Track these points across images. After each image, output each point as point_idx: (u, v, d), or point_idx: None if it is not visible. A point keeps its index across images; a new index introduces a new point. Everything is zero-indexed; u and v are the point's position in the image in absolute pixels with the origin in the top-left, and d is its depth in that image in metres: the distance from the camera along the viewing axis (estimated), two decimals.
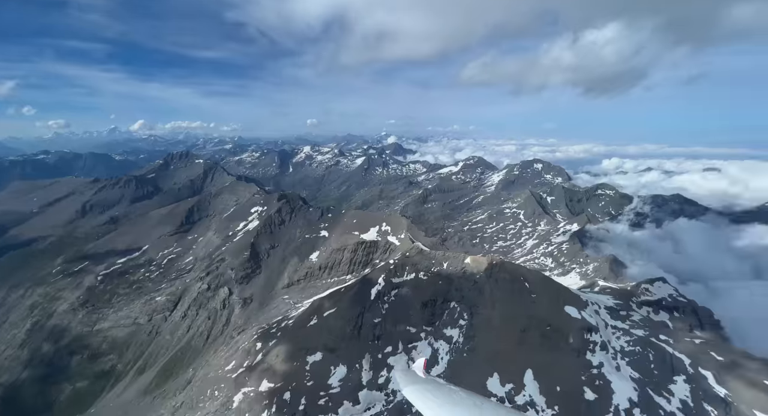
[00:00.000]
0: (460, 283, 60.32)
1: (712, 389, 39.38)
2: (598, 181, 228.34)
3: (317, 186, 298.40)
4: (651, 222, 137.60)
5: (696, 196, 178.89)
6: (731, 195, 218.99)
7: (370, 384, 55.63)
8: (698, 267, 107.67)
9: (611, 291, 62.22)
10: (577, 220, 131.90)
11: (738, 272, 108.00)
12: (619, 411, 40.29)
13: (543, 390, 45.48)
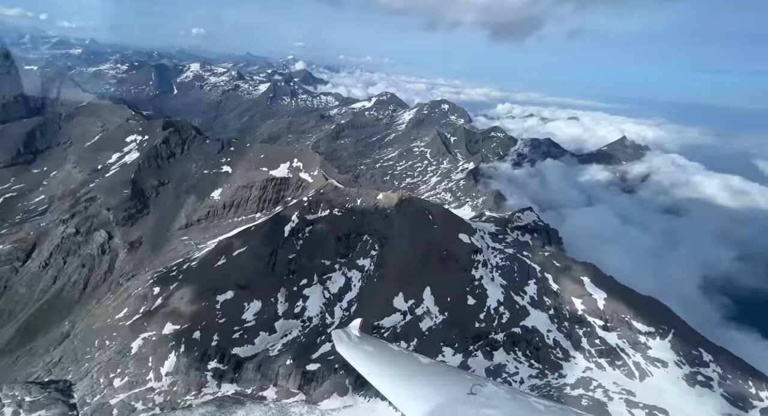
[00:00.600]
0: (373, 218, 63.88)
1: (550, 286, 53.75)
2: (493, 124, 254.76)
3: (212, 113, 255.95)
4: (528, 162, 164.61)
5: (560, 141, 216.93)
6: (583, 140, 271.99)
7: (287, 314, 58.14)
8: (554, 198, 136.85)
9: (494, 219, 74.99)
10: (473, 160, 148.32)
11: (578, 201, 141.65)
12: (490, 310, 52.13)
13: (437, 302, 55.01)
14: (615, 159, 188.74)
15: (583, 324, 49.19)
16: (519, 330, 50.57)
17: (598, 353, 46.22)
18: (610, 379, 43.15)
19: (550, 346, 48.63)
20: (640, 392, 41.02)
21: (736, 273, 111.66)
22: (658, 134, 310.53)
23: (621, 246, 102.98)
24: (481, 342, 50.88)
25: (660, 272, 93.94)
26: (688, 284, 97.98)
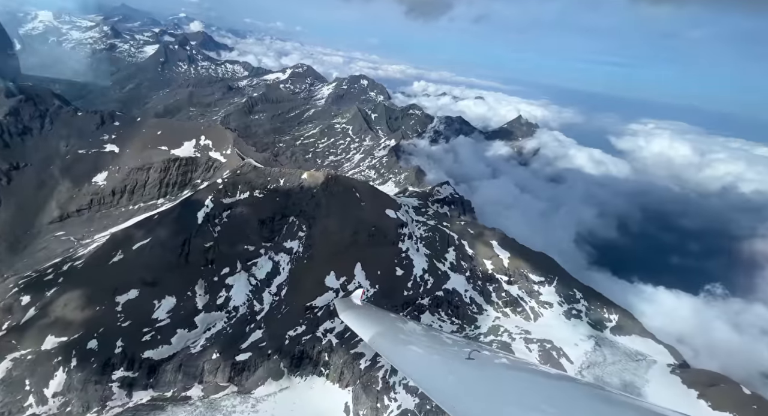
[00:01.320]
0: (298, 198, 61.58)
1: (466, 251, 60.39)
2: (410, 101, 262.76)
3: (80, 79, 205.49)
4: (443, 138, 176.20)
5: (470, 118, 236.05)
6: (488, 118, 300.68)
7: (208, 306, 53.79)
8: (466, 172, 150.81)
9: (416, 194, 79.53)
10: (395, 137, 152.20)
11: (486, 173, 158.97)
12: (416, 278, 56.39)
13: (368, 276, 57.09)
14: (513, 136, 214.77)
15: (492, 282, 57.06)
16: (441, 293, 56.15)
17: (504, 304, 54.53)
18: (513, 324, 51.64)
19: (467, 303, 55.42)
20: (534, 330, 50.23)
21: (596, 227, 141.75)
22: (544, 114, 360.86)
23: (519, 211, 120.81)
24: (409, 308, 55.13)
25: (547, 231, 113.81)
26: (566, 239, 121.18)
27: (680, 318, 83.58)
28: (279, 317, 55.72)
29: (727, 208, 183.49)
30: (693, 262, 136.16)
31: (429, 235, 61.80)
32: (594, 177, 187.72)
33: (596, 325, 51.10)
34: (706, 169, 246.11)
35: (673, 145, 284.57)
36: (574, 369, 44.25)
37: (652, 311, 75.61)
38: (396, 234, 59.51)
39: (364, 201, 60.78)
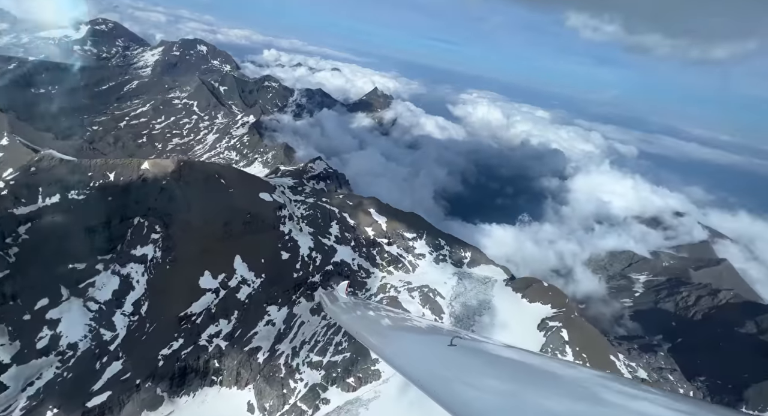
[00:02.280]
0: (142, 194, 50.11)
1: (348, 223, 63.04)
2: (263, 72, 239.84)
3: None
4: (307, 112, 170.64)
5: (329, 90, 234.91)
6: (346, 89, 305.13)
7: (21, 356, 40.41)
8: (334, 145, 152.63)
9: (290, 173, 76.21)
10: (253, 112, 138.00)
11: (353, 145, 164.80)
12: (304, 257, 55.92)
13: (251, 267, 53.15)
14: (373, 107, 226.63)
15: (375, 246, 62.05)
16: (331, 267, 57.74)
17: (387, 263, 60.58)
18: (397, 279, 58.35)
19: (356, 271, 58.97)
20: (414, 280, 58.24)
21: (447, 184, 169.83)
22: (396, 85, 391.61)
23: (387, 178, 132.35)
24: (302, 289, 54.81)
25: (412, 192, 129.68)
26: (427, 197, 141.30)
27: (506, 243, 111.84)
28: (144, 339, 46.69)
29: (525, 157, 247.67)
30: (510, 201, 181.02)
31: (310, 213, 61.23)
32: (441, 141, 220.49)
33: (457, 264, 63.13)
34: (511, 129, 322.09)
35: (489, 111, 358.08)
36: (446, 302, 54.22)
37: (490, 243, 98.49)
38: (275, 218, 56.51)
39: (231, 187, 54.43)
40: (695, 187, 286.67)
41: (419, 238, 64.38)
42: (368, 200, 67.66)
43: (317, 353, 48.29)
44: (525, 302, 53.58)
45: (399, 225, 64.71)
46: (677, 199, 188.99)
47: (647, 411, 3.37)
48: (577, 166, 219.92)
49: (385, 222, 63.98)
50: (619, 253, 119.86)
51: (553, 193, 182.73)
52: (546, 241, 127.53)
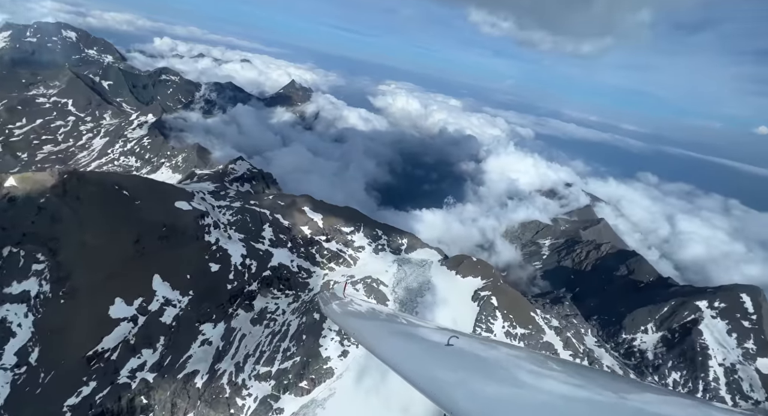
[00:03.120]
0: (11, 218, 40.46)
1: (282, 224, 60.36)
2: (157, 63, 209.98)
3: None
4: (219, 109, 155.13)
5: (241, 84, 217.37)
6: (260, 83, 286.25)
7: None
8: (255, 143, 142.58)
9: (208, 176, 69.15)
10: (151, 110, 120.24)
11: (276, 142, 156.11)
12: (237, 266, 52.09)
13: (174, 285, 47.60)
14: (292, 101, 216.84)
15: (313, 244, 60.79)
16: (269, 272, 54.96)
17: (328, 260, 60.02)
18: (339, 274, 58.35)
19: (296, 272, 57.19)
20: (356, 272, 58.96)
21: (377, 175, 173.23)
22: (313, 77, 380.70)
23: (317, 174, 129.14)
24: (238, 300, 51.21)
25: (343, 186, 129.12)
26: (359, 189, 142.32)
27: (436, 226, 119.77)
28: (40, 392, 38.94)
29: (444, 144, 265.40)
30: (435, 186, 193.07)
31: (238, 218, 56.89)
32: (366, 133, 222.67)
33: (395, 251, 65.69)
34: (429, 118, 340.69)
35: (408, 101, 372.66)
36: (390, 290, 56.31)
37: (422, 227, 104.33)
38: (197, 228, 51.16)
39: (138, 198, 47.30)
40: (577, 160, 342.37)
41: (357, 231, 65.01)
42: (301, 198, 65.56)
43: (264, 364, 46.08)
44: (459, 278, 58.60)
45: (336, 221, 64.33)
46: (566, 172, 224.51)
47: (646, 407, 3.39)
48: (488, 149, 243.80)
49: (321, 219, 62.93)
50: (528, 223, 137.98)
51: (471, 175, 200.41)
52: (469, 220, 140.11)
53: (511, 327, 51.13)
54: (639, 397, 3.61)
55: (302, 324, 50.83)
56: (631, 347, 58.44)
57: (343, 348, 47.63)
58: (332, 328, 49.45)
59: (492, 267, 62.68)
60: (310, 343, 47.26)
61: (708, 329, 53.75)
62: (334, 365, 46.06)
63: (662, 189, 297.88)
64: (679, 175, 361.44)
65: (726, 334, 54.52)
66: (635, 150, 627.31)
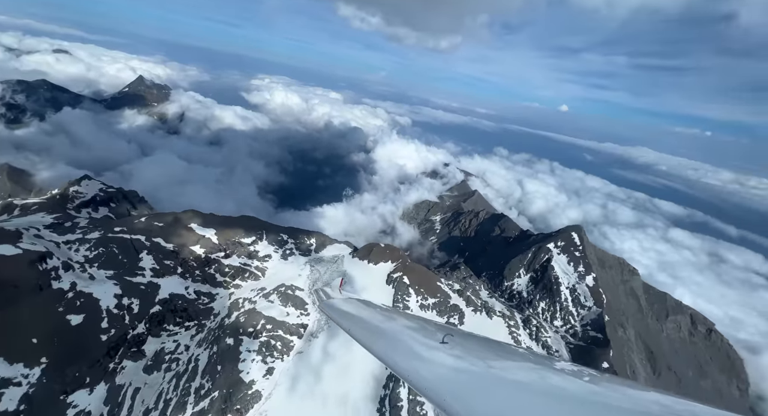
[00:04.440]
0: None
1: (165, 248, 51.32)
2: None
3: None
4: (32, 115, 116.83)
5: (61, 81, 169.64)
6: (91, 80, 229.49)
7: None
8: (102, 156, 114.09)
9: (36, 206, 52.60)
10: None
11: (133, 152, 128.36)
12: (111, 310, 42.34)
13: (13, 357, 35.82)
14: (145, 101, 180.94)
15: (210, 264, 53.91)
16: (158, 307, 46.58)
17: (232, 277, 54.34)
18: (248, 290, 53.68)
19: (194, 299, 50.00)
20: (267, 284, 55.23)
21: (268, 176, 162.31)
22: (167, 72, 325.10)
23: (198, 184, 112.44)
24: (122, 350, 42.07)
25: (232, 194, 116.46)
26: (251, 194, 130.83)
27: (340, 220, 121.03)
28: None
29: (332, 137, 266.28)
30: (330, 181, 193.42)
31: (101, 252, 45.71)
32: (247, 132, 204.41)
33: (305, 253, 63.96)
34: (312, 112, 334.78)
35: (288, 96, 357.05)
36: (306, 293, 54.90)
37: (327, 223, 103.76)
38: (37, 275, 39.12)
39: None
40: (449, 142, 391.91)
41: (259, 240, 60.49)
42: (185, 214, 56.70)
43: (174, 411, 39.69)
44: (372, 266, 61.27)
45: (233, 233, 58.28)
46: (442, 154, 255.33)
47: (635, 407, 3.40)
48: (375, 139, 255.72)
49: (214, 234, 56.01)
50: (420, 204, 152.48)
51: (363, 165, 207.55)
52: (369, 209, 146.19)
53: (424, 300, 56.73)
54: (627, 395, 3.58)
55: (214, 354, 45.38)
56: (511, 291, 72.23)
57: (267, 365, 44.82)
58: (251, 349, 45.77)
59: (399, 250, 67.51)
60: (228, 372, 42.74)
61: (557, 264, 70.86)
62: (261, 386, 43.05)
63: (511, 159, 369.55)
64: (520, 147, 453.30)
65: (567, 264, 72.82)
66: (489, 129, 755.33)
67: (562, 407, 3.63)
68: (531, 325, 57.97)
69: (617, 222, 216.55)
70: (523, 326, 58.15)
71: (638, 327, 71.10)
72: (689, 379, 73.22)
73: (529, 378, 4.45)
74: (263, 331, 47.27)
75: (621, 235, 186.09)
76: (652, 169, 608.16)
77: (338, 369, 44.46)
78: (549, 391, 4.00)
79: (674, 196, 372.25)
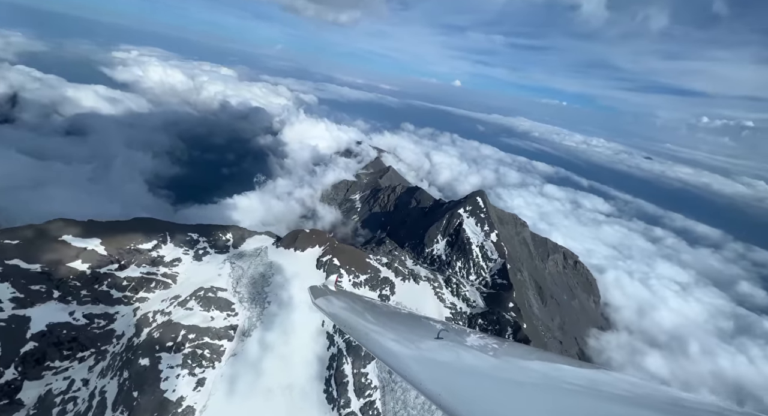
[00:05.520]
0: None
1: (29, 271, 40.80)
2: None
3: None
4: None
5: None
6: None
7: None
8: None
9: None
10: None
11: None
12: None
13: None
14: None
15: (99, 280, 45.14)
16: (32, 345, 37.68)
17: (133, 291, 46.71)
18: (158, 300, 47.05)
19: (85, 325, 41.78)
20: (181, 290, 49.17)
21: (158, 168, 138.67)
22: None
23: (61, 185, 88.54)
24: None
25: (114, 193, 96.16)
26: (140, 191, 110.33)
27: (256, 209, 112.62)
28: None
29: (231, 119, 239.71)
30: (237, 168, 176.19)
31: None
32: (119, 118, 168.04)
33: (222, 250, 58.37)
34: (202, 91, 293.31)
35: (168, 72, 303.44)
36: (231, 293, 50.88)
37: (241, 215, 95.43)
38: None
39: None
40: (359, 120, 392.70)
41: (163, 243, 52.71)
42: (53, 225, 45.28)
43: None
44: (299, 253, 59.70)
45: (125, 240, 49.32)
46: (353, 132, 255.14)
47: (633, 398, 3.38)
48: (281, 119, 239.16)
49: (100, 244, 46.50)
50: (338, 184, 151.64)
51: (272, 149, 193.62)
52: (285, 194, 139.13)
53: (356, 278, 58.34)
54: (620, 384, 3.55)
55: (126, 380, 39.47)
56: (432, 256, 79.42)
57: (197, 377, 41.15)
58: (173, 364, 41.12)
59: (324, 233, 66.97)
60: (148, 396, 37.90)
61: (467, 226, 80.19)
62: (192, 400, 39.59)
63: (418, 134, 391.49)
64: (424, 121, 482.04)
65: (475, 226, 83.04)
66: (394, 106, 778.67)
67: (558, 398, 3.69)
68: (452, 284, 65.25)
69: (507, 183, 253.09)
70: (446, 285, 65.11)
71: (530, 269, 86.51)
72: (564, 302, 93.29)
73: (524, 371, 4.51)
74: (186, 342, 42.69)
75: (511, 194, 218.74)
76: (529, 135, 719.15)
77: (279, 360, 43.44)
78: (544, 383, 4.05)
79: (545, 157, 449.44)
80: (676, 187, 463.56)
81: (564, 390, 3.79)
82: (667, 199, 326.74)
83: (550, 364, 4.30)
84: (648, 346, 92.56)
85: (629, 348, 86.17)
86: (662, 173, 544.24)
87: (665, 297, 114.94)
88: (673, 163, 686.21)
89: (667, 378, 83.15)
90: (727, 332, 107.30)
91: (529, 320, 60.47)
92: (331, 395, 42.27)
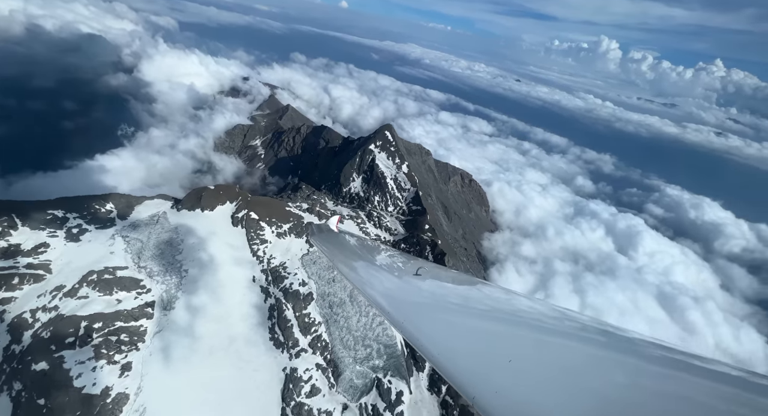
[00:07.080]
0: None
1: None
2: None
3: None
4: None
5: None
6: None
7: None
8: None
9: None
10: None
11: None
12: None
13: None
14: None
15: None
16: None
17: None
18: (33, 297, 38.32)
19: None
20: (62, 280, 40.65)
21: None
22: None
23: None
24: None
25: None
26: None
27: (134, 168, 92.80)
28: None
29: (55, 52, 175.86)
30: (85, 119, 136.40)
31: None
32: None
33: (107, 224, 48.35)
34: None
35: None
36: (134, 270, 44.27)
37: (115, 179, 77.78)
38: None
39: None
40: (239, 51, 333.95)
41: (12, 229, 40.82)
42: None
43: None
44: (208, 213, 53.87)
45: None
46: (236, 66, 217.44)
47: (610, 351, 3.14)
48: (133, 51, 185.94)
49: None
50: (232, 129, 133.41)
51: (131, 92, 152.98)
52: (167, 147, 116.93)
53: (279, 228, 56.53)
54: (618, 344, 3.31)
55: (20, 391, 33.64)
56: (351, 195, 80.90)
57: (119, 363, 37.40)
58: (82, 360, 36.10)
59: (233, 187, 60.85)
60: (61, 399, 33.51)
61: (380, 161, 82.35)
62: (122, 387, 36.69)
63: (311, 65, 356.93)
64: (315, 51, 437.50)
65: (387, 159, 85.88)
66: (278, 32, 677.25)
67: (516, 331, 3.84)
68: (373, 217, 69.06)
69: (407, 114, 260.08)
70: (368, 220, 68.64)
71: (436, 193, 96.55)
72: (464, 216, 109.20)
73: (491, 305, 4.74)
74: (92, 333, 37.28)
75: (411, 124, 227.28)
76: (421, 63, 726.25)
77: (214, 319, 42.01)
78: (507, 319, 4.27)
79: (437, 84, 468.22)
80: (538, 105, 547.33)
81: (534, 324, 4.07)
82: (532, 116, 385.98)
83: (537, 306, 4.53)
84: (522, 238, 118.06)
85: (510, 243, 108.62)
86: (528, 93, 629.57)
87: (532, 197, 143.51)
88: (536, 83, 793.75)
89: (534, 258, 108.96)
90: (569, 216, 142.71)
91: (443, 237, 69.78)
92: (278, 340, 43.77)
